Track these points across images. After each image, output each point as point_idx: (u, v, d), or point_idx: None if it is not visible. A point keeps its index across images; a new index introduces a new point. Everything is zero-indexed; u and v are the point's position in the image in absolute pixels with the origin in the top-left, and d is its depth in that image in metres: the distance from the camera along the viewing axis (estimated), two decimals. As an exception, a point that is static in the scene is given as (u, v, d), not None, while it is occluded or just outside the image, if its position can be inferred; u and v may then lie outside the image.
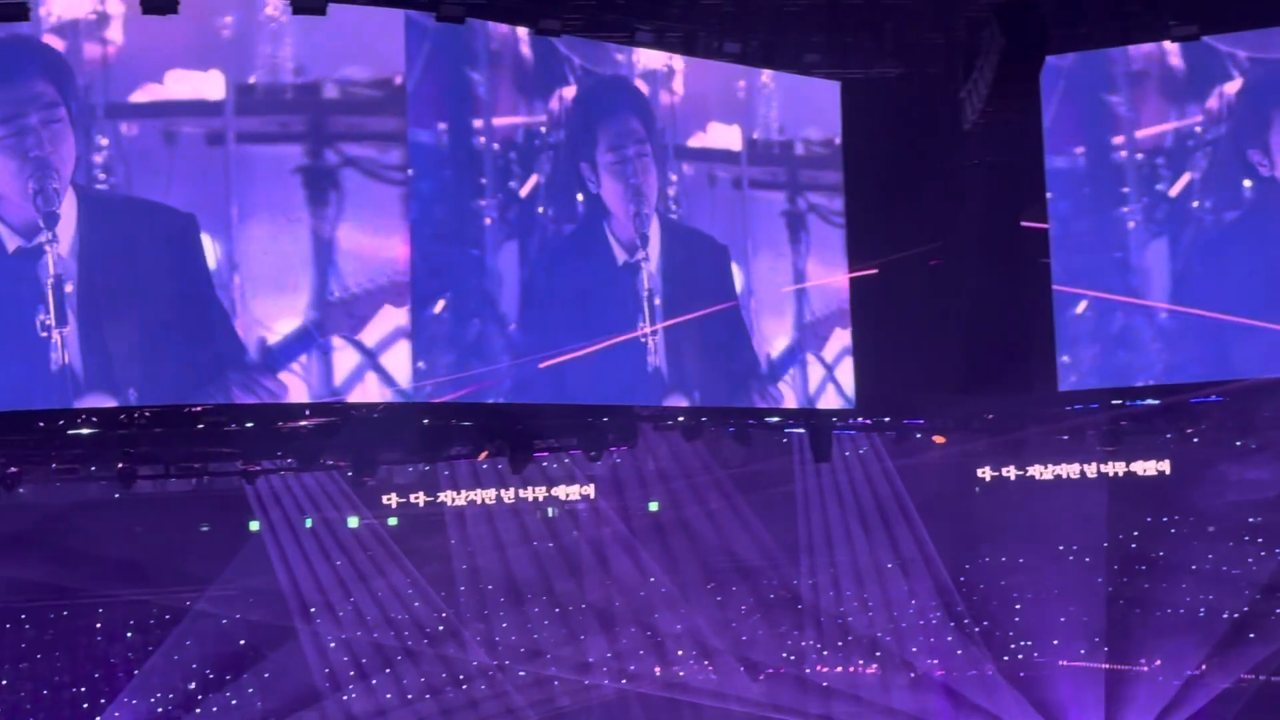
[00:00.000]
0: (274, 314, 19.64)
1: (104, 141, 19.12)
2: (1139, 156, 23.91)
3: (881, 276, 24.76)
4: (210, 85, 19.52)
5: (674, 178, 23.51)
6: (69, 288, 18.72)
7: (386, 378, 20.18)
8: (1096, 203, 24.19)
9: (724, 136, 24.03)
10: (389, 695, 32.19)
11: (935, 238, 24.83)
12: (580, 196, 22.27)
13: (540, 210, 22.02)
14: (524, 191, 21.89)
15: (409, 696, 32.21)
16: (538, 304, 21.73)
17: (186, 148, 19.39)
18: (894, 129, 24.61)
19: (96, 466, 24.09)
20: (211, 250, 19.41)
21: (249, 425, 21.74)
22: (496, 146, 21.62)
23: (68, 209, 18.82)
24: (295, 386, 19.76)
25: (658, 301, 22.79)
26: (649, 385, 22.76)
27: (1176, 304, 23.72)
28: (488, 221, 21.48)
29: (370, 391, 20.16)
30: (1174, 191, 23.75)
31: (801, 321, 24.42)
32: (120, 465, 22.82)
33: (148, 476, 25.01)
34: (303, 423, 21.86)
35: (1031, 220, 24.48)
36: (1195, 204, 23.70)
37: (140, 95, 19.29)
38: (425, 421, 22.38)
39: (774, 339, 24.17)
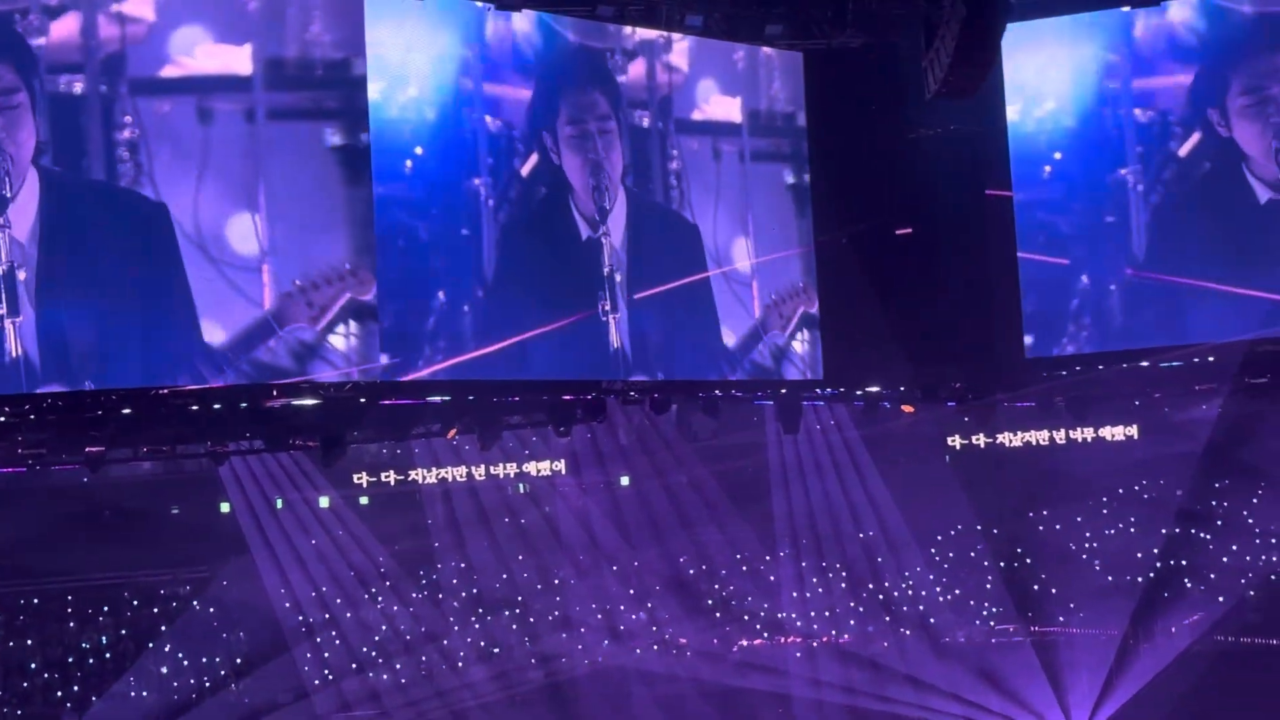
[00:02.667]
0: (264, 292, 19.48)
1: (127, 119, 18.77)
2: (1144, 116, 23.86)
3: (848, 247, 24.77)
4: (240, 60, 19.29)
5: (675, 152, 23.44)
6: (23, 275, 18.44)
7: (355, 357, 20.11)
8: (1085, 166, 24.19)
9: (725, 109, 23.98)
10: (364, 674, 32.15)
11: (901, 207, 24.85)
12: (545, 170, 22.23)
13: (541, 190, 22.03)
14: (525, 170, 21.87)
15: (380, 675, 32.20)
16: (506, 281, 21.68)
17: (221, 125, 19.15)
18: (858, 100, 24.61)
19: (65, 451, 23.98)
20: (247, 230, 19.25)
21: (216, 407, 21.64)
22: (498, 124, 21.59)
23: (28, 194, 18.53)
24: (275, 368, 19.66)
25: (619, 279, 22.73)
26: (613, 362, 22.72)
27: (1146, 268, 23.74)
28: (483, 199, 21.44)
29: (339, 370, 20.10)
30: (1184, 151, 23.65)
31: (773, 293, 24.41)
32: (88, 449, 22.71)
33: (117, 460, 24.96)
34: (270, 403, 21.79)
35: (996, 189, 24.51)
36: (1167, 170, 23.76)
37: (171, 70, 18.96)
38: (393, 400, 22.33)
39: (747, 312, 24.15)
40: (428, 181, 20.82)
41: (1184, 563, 32.78)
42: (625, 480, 34.60)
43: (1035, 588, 33.78)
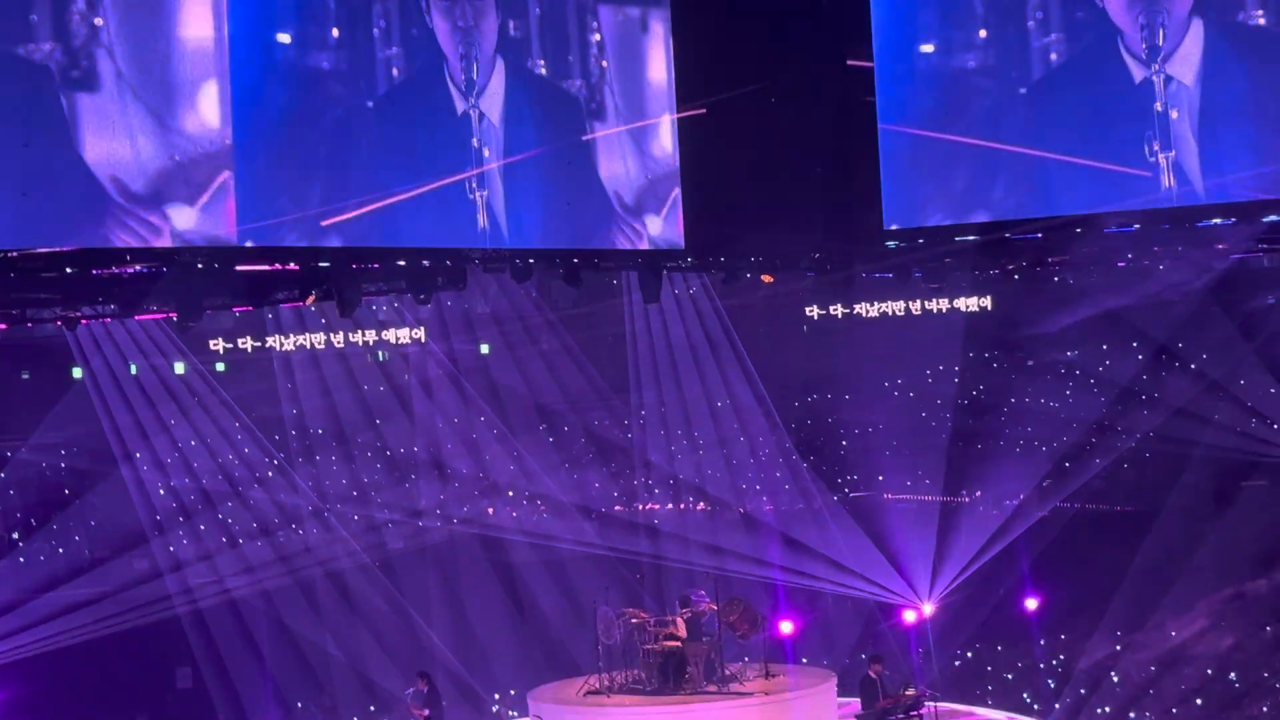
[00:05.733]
0: (155, 155, 19.07)
1: None
2: None
3: (710, 116, 24.69)
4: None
5: (595, 24, 23.07)
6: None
7: (212, 220, 19.76)
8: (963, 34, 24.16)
9: None
10: (220, 539, 31.93)
11: (762, 76, 24.77)
12: (421, 38, 21.83)
13: (418, 59, 21.64)
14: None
15: (239, 541, 31.99)
16: (374, 147, 21.36)
17: None
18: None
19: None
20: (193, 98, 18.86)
21: (68, 270, 21.17)
22: None
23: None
24: (145, 229, 19.24)
25: (487, 154, 22.42)
26: (479, 233, 22.54)
27: (1020, 142, 23.84)
28: (392, 70, 21.12)
29: (194, 234, 19.73)
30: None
31: (636, 163, 24.31)
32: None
33: (-37, 325, 24.46)
34: (124, 269, 21.36)
35: (858, 59, 24.55)
36: (1037, 41, 23.77)
37: None
38: (251, 265, 22.00)
39: (614, 182, 24.01)
40: (351, 52, 20.53)
41: (1030, 429, 33.28)
42: (485, 348, 34.56)
43: (887, 454, 34.25)
